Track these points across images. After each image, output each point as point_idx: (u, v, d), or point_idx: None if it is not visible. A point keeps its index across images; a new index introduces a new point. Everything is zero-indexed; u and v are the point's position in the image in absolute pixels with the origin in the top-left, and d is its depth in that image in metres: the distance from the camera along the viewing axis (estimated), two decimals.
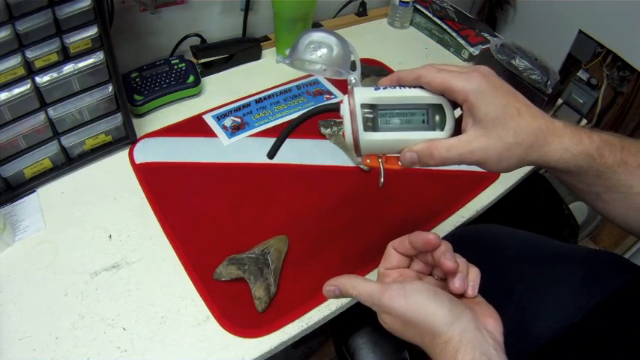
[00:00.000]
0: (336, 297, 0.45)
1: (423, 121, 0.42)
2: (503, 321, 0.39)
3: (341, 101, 0.44)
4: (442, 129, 0.42)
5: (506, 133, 0.40)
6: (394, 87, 0.43)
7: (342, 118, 0.43)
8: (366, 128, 0.42)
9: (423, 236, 0.42)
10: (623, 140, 0.43)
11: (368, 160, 0.44)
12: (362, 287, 0.41)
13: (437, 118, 0.42)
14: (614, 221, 0.47)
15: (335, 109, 0.45)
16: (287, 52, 0.46)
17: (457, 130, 0.42)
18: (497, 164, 0.41)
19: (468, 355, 0.34)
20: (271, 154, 0.48)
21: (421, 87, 0.42)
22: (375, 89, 0.43)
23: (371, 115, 0.42)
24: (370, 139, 0.42)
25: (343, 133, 0.43)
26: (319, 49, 0.45)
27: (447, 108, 0.42)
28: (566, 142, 0.41)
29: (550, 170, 0.45)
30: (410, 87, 0.43)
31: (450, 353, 0.35)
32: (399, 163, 0.44)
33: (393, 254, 0.45)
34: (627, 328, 0.55)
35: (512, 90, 0.42)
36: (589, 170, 0.42)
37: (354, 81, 0.43)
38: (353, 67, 0.44)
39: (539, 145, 0.40)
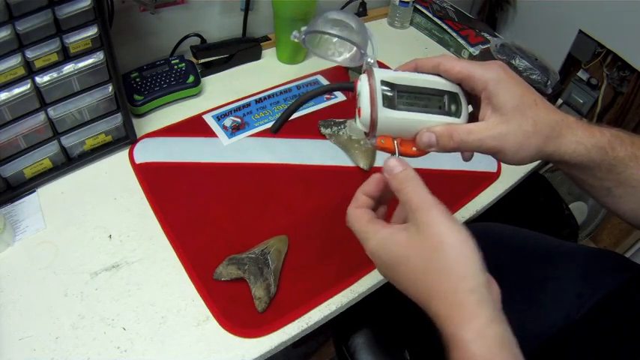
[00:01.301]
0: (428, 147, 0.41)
1: (440, 107, 0.42)
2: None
3: (356, 80, 0.43)
4: (458, 117, 0.42)
5: (525, 122, 0.40)
6: (412, 72, 0.43)
7: (356, 99, 0.42)
8: (385, 105, 0.41)
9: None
10: (632, 136, 0.44)
11: (382, 141, 0.42)
12: (424, 189, 0.37)
13: (453, 106, 0.42)
14: (623, 217, 0.47)
15: (348, 87, 0.44)
16: (303, 29, 0.45)
17: (471, 121, 0.43)
18: (514, 154, 0.41)
19: (488, 308, 0.32)
20: (275, 128, 0.47)
21: (438, 75, 0.43)
22: (395, 71, 0.42)
23: (390, 94, 0.41)
24: (389, 115, 0.41)
25: (358, 111, 0.41)
26: (339, 25, 0.45)
27: (463, 97, 0.43)
28: (579, 135, 0.42)
29: (562, 166, 0.45)
30: (425, 74, 0.43)
31: (471, 305, 0.32)
32: (414, 148, 0.43)
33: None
34: (628, 325, 0.55)
35: (527, 83, 0.43)
36: (602, 164, 0.42)
37: (372, 61, 0.43)
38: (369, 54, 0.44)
39: (555, 136, 0.41)
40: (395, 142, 0.42)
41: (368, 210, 0.42)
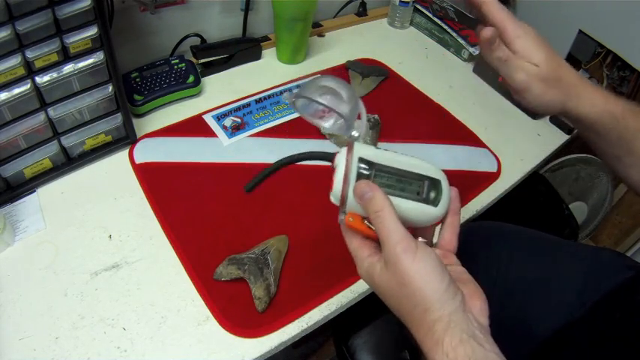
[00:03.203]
0: (363, 202, 0.39)
1: (418, 193, 0.41)
2: (505, 317, 0.39)
3: (336, 153, 0.42)
4: (435, 205, 0.40)
5: (553, 73, 0.45)
6: (395, 152, 0.42)
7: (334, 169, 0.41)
8: None
9: None
10: None
11: (350, 219, 0.40)
12: (392, 220, 0.38)
13: (432, 193, 0.41)
14: (633, 187, 0.50)
15: (328, 158, 0.43)
16: (294, 92, 0.45)
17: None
18: (538, 96, 0.46)
19: (455, 336, 0.34)
20: (249, 187, 0.47)
21: (420, 159, 0.42)
22: (377, 149, 0.41)
23: (366, 172, 0.40)
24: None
25: (331, 185, 0.40)
26: (328, 94, 0.44)
27: (445, 185, 0.41)
28: (595, 98, 0.46)
29: (579, 126, 0.49)
30: (410, 156, 0.42)
31: (438, 332, 0.34)
32: None
33: None
34: (628, 324, 0.55)
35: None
36: (611, 131, 0.47)
37: (356, 135, 0.42)
38: (356, 126, 0.44)
39: (575, 94, 0.46)
40: (365, 221, 0.40)
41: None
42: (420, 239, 0.44)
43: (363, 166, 0.40)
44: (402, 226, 0.37)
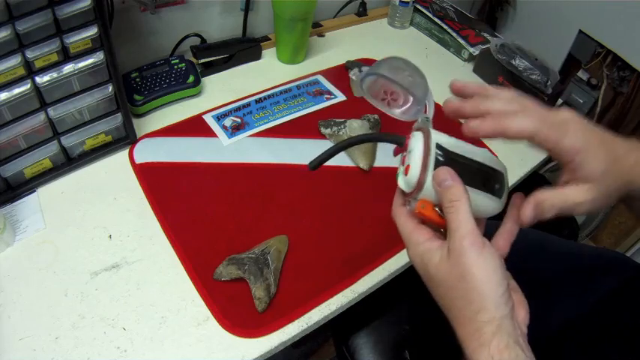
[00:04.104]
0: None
1: (484, 184, 0.40)
2: None
3: (408, 136, 0.41)
4: (500, 197, 0.40)
5: (611, 181, 0.39)
6: (460, 140, 0.41)
7: (403, 155, 0.40)
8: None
9: None
10: None
11: (422, 206, 0.39)
12: (467, 212, 0.36)
13: (497, 185, 0.40)
14: None
15: (398, 141, 0.42)
16: (364, 69, 0.43)
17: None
18: (598, 209, 0.44)
19: (503, 340, 0.34)
20: (314, 165, 0.45)
21: (484, 150, 0.41)
22: (449, 136, 0.41)
23: (442, 159, 0.39)
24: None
25: (406, 169, 0.39)
26: (405, 72, 0.43)
27: (506, 178, 0.41)
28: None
29: (633, 202, 0.44)
30: (472, 145, 0.41)
31: (486, 334, 0.34)
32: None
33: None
34: (628, 324, 0.55)
35: (606, 134, 0.41)
36: None
37: (428, 120, 0.41)
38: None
39: (630, 181, 0.40)
40: (435, 208, 0.39)
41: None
42: None
43: (439, 152, 0.39)
44: (473, 220, 0.36)
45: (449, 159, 0.39)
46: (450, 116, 0.44)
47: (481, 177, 0.40)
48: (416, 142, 0.40)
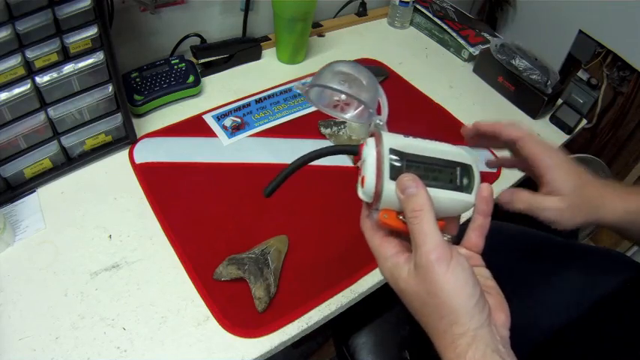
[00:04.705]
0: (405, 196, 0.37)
1: (451, 181, 0.38)
2: None
3: (362, 144, 0.39)
4: (469, 192, 0.38)
5: (578, 200, 0.48)
6: (423, 138, 0.39)
7: (359, 166, 0.38)
8: (392, 177, 0.36)
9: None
10: None
11: (385, 216, 0.37)
12: (430, 222, 0.35)
13: (465, 180, 0.38)
14: None
15: (352, 151, 0.40)
16: (308, 81, 0.41)
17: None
18: (566, 223, 0.49)
19: (479, 351, 0.33)
20: (268, 192, 0.43)
21: (448, 144, 0.39)
22: (405, 136, 0.38)
23: (398, 164, 0.37)
24: (395, 188, 0.36)
25: (362, 180, 0.37)
26: (346, 81, 0.41)
27: (476, 171, 0.39)
28: (616, 203, 0.49)
29: (608, 228, 0.52)
30: (436, 140, 0.39)
31: (461, 346, 0.34)
32: None
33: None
34: (628, 324, 0.55)
35: (579, 166, 0.50)
36: (635, 225, 0.50)
37: (381, 123, 0.39)
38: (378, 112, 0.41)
39: (598, 206, 0.49)
40: (400, 217, 0.37)
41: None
42: (446, 236, 0.42)
43: (394, 157, 0.37)
44: (438, 231, 0.35)
45: (407, 162, 0.37)
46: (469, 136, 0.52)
47: (447, 174, 0.38)
48: (369, 149, 0.38)
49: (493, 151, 0.56)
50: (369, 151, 0.37)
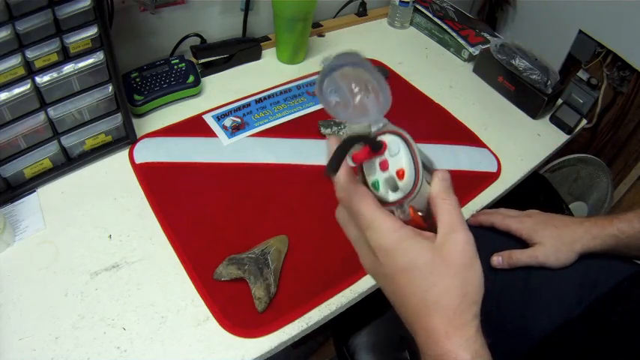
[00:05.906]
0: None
1: (428, 182, 0.39)
2: (504, 316, 0.39)
3: (384, 141, 0.39)
4: (428, 182, 0.39)
5: (558, 245, 0.61)
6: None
7: (379, 155, 0.38)
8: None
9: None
10: (638, 213, 0.59)
11: (414, 212, 0.38)
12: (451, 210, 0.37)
13: (427, 174, 0.39)
14: None
15: (376, 145, 0.40)
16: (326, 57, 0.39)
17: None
18: (554, 263, 0.61)
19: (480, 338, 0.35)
20: (332, 167, 0.41)
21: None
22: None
23: (424, 160, 0.38)
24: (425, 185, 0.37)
25: (399, 172, 0.37)
26: (359, 83, 0.40)
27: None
28: (594, 233, 0.60)
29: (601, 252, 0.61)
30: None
31: (474, 328, 0.35)
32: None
33: None
34: (626, 324, 0.55)
35: (555, 219, 0.64)
36: (617, 245, 0.59)
37: (384, 124, 0.40)
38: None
39: (577, 242, 0.61)
40: (420, 215, 0.38)
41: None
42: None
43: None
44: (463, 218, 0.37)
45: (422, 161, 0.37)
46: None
47: (428, 171, 0.39)
48: (395, 144, 0.38)
49: None
50: (399, 146, 0.37)
